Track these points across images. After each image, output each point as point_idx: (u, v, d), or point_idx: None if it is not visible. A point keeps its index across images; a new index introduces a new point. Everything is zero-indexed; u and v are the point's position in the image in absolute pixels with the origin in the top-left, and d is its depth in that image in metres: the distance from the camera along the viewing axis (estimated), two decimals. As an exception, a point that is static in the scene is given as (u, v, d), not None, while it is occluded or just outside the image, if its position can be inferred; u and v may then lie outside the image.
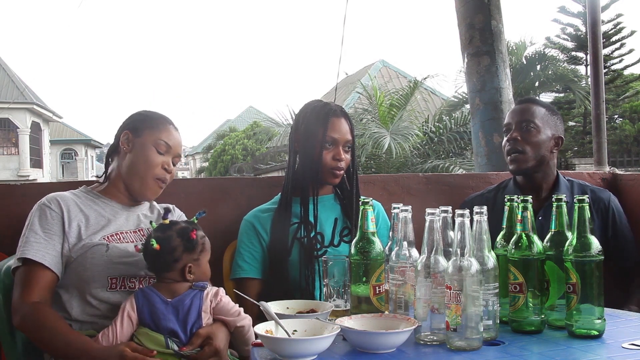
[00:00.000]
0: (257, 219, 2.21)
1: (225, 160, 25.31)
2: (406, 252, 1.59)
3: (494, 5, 4.56)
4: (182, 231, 1.78)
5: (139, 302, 1.75)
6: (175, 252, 1.76)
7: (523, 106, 2.39)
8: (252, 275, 2.16)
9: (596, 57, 3.33)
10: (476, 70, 4.59)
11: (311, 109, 2.21)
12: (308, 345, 1.39)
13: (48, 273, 1.81)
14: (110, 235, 1.91)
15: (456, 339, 1.41)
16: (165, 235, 1.77)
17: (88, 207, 1.95)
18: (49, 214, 1.88)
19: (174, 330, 1.73)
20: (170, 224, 1.80)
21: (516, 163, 2.32)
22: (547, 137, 2.32)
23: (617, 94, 18.81)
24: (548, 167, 2.36)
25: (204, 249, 1.82)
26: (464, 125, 11.24)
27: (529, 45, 16.61)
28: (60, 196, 1.94)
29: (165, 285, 1.78)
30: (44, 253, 1.82)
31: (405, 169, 10.53)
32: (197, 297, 1.76)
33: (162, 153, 1.97)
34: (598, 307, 1.50)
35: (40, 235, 1.84)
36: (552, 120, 2.36)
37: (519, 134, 2.31)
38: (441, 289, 1.45)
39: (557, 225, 1.61)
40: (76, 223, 1.89)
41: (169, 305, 1.74)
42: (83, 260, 1.85)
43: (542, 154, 2.32)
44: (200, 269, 1.80)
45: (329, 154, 2.14)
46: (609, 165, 3.31)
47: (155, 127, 2.00)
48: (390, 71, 20.42)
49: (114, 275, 1.85)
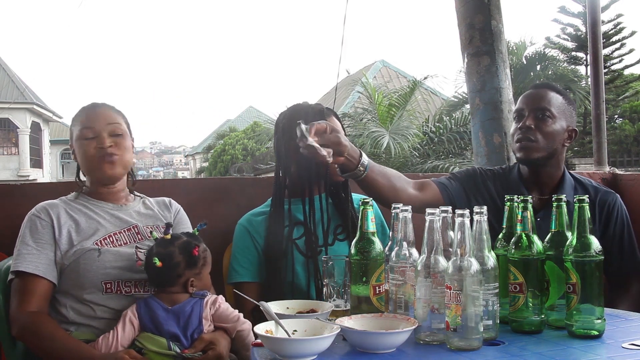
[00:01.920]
0: (250, 223, 2.19)
1: (225, 160, 25.30)
2: (406, 252, 1.59)
3: (494, 5, 4.55)
4: (185, 247, 1.81)
5: (140, 309, 1.77)
6: (178, 268, 1.79)
7: (540, 91, 2.18)
8: (248, 279, 2.14)
9: (596, 57, 3.34)
10: (476, 70, 4.58)
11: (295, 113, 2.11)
12: (308, 345, 1.39)
13: (43, 282, 1.83)
14: (103, 238, 1.91)
15: (456, 339, 1.41)
16: (167, 251, 1.79)
17: (78, 212, 1.95)
18: (38, 223, 1.90)
19: (175, 335, 1.75)
20: (172, 239, 1.82)
21: (526, 150, 2.12)
22: (562, 128, 2.14)
23: (617, 94, 18.81)
24: (556, 162, 2.18)
25: (206, 263, 1.85)
26: (464, 125, 11.24)
27: (529, 45, 16.63)
28: (49, 205, 1.95)
29: (166, 295, 1.80)
30: (37, 263, 1.83)
31: (405, 169, 10.53)
32: (198, 305, 1.79)
33: (91, 137, 1.95)
34: (598, 307, 1.50)
35: (32, 246, 1.86)
36: (568, 111, 2.19)
37: (533, 122, 2.12)
38: (441, 289, 1.45)
39: (557, 225, 1.61)
40: (66, 229, 1.90)
41: (170, 313, 1.77)
42: (76, 266, 1.85)
43: (555, 146, 2.14)
44: (202, 282, 1.84)
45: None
46: (609, 165, 3.32)
47: (75, 122, 2.01)
48: (390, 71, 20.43)
49: (108, 279, 1.86)
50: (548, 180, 2.19)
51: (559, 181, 2.19)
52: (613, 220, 2.18)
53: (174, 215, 2.13)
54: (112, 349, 1.73)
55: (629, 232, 2.20)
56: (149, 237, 1.94)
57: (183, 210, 2.18)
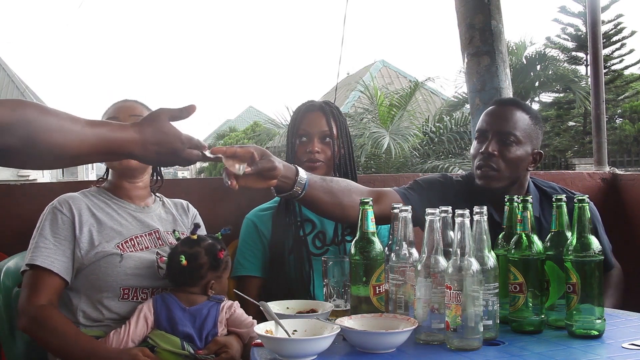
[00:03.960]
0: (258, 218, 2.22)
1: (226, 161, 25.26)
2: (406, 252, 1.59)
3: (494, 5, 4.56)
4: (210, 249, 1.82)
5: (157, 305, 1.77)
6: (202, 269, 1.79)
7: (506, 111, 2.03)
8: (253, 273, 2.17)
9: (596, 57, 3.34)
10: (476, 70, 4.58)
11: (296, 110, 2.27)
12: (308, 345, 1.39)
13: (57, 279, 1.80)
14: (125, 242, 1.88)
15: (456, 339, 1.41)
16: (193, 251, 1.79)
17: (100, 210, 1.92)
18: (60, 218, 1.86)
19: (190, 335, 1.74)
20: (198, 240, 1.83)
21: (487, 179, 2.00)
22: (526, 153, 2.02)
23: (617, 94, 18.80)
24: (520, 185, 2.07)
25: (227, 267, 1.87)
26: (464, 126, 11.23)
27: (529, 45, 16.62)
28: (72, 199, 1.91)
29: (184, 294, 1.80)
30: (53, 259, 1.80)
31: (405, 169, 10.52)
32: (214, 308, 1.80)
33: None
34: (598, 307, 1.50)
35: (50, 240, 1.82)
36: (535, 133, 2.05)
37: (496, 148, 1.98)
38: (441, 289, 1.45)
39: (557, 225, 1.61)
40: (87, 228, 1.86)
41: (187, 313, 1.77)
42: (96, 269, 1.83)
43: (518, 173, 2.03)
44: (221, 285, 1.85)
45: (302, 147, 2.18)
46: (609, 165, 3.32)
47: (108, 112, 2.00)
48: (391, 71, 20.42)
49: (127, 285, 1.84)
50: None
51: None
52: None
53: (191, 219, 2.13)
54: (122, 344, 1.71)
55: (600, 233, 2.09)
56: (170, 244, 1.93)
57: (199, 215, 2.18)
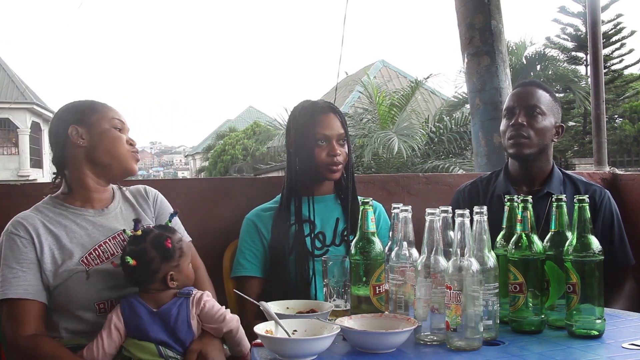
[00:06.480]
0: (258, 218, 2.22)
1: (225, 160, 25.30)
2: (406, 252, 1.59)
3: (494, 5, 4.56)
4: (156, 241, 1.72)
5: (125, 313, 1.70)
6: (153, 264, 1.70)
7: (529, 89, 2.27)
8: (253, 274, 2.16)
9: (596, 57, 3.33)
10: (476, 70, 4.59)
11: (299, 110, 2.23)
12: (308, 345, 1.39)
13: (35, 304, 1.74)
14: (89, 254, 1.80)
15: (456, 339, 1.41)
16: (140, 248, 1.70)
17: (57, 224, 1.82)
18: (19, 241, 1.77)
19: (163, 341, 1.68)
20: (143, 235, 1.73)
21: (519, 147, 2.21)
22: (551, 124, 2.24)
23: (617, 94, 18.78)
24: (546, 157, 2.28)
25: (183, 254, 1.76)
26: (464, 126, 11.23)
27: (529, 45, 16.59)
28: (26, 219, 1.81)
29: (148, 295, 1.72)
30: (25, 286, 1.73)
31: (405, 169, 10.52)
32: (184, 307, 1.71)
33: (119, 129, 1.90)
34: (598, 307, 1.50)
35: (17, 268, 1.74)
36: (555, 107, 2.29)
37: (525, 119, 2.20)
38: (441, 289, 1.45)
39: (557, 225, 1.61)
40: (47, 247, 1.78)
41: (156, 316, 1.69)
42: (65, 289, 1.76)
43: (545, 142, 2.23)
44: (182, 274, 1.75)
45: (322, 151, 2.15)
46: (609, 165, 3.31)
47: (99, 111, 1.91)
48: (391, 71, 20.40)
49: (101, 300, 1.78)
50: (537, 175, 2.28)
51: (548, 175, 2.28)
52: (601, 214, 2.23)
53: (152, 204, 2.03)
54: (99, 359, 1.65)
55: (619, 227, 2.24)
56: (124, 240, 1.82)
57: (161, 195, 2.07)
